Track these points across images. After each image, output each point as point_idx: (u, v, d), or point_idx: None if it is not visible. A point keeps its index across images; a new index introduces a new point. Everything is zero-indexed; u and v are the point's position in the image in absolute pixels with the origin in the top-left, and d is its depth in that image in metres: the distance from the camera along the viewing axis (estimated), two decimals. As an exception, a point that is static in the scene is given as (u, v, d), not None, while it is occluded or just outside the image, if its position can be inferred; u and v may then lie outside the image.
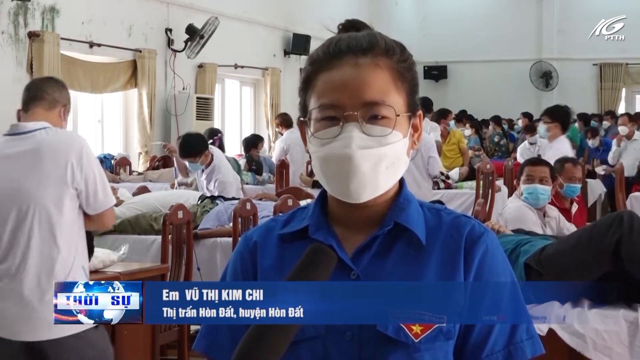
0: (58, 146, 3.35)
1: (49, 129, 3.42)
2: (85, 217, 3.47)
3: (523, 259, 3.78)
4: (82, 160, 3.38)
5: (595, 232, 3.64)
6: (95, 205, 3.44)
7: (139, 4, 11.70)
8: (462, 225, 1.53)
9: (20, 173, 3.34)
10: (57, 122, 3.55)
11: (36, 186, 3.33)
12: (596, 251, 3.59)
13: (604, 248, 3.58)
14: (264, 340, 1.34)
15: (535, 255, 3.75)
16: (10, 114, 9.62)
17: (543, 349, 1.54)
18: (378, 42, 1.52)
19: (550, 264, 3.67)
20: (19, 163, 3.35)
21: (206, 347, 1.57)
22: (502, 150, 15.26)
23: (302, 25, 15.54)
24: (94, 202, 3.43)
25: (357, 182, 1.47)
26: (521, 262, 3.77)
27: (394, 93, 1.51)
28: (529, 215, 4.86)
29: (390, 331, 1.45)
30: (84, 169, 3.39)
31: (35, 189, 3.33)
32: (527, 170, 5.05)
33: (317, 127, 1.50)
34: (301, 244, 1.52)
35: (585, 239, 3.65)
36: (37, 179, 3.33)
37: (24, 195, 3.34)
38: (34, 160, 3.34)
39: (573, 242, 3.71)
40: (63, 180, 3.34)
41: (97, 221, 3.52)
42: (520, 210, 4.91)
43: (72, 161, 3.34)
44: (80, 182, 3.38)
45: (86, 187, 3.40)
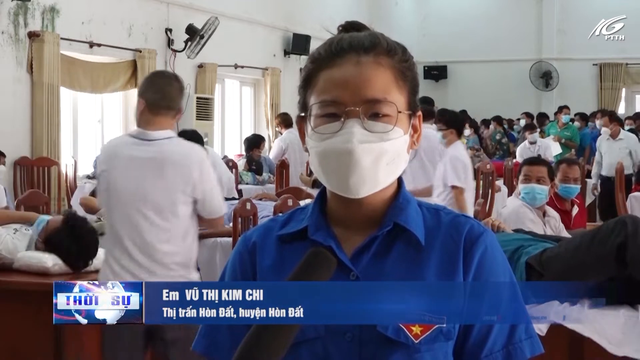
0: (182, 158, 3.69)
1: (173, 138, 3.77)
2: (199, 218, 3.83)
3: (525, 258, 3.78)
4: (202, 173, 3.73)
5: (598, 236, 3.64)
6: (210, 211, 3.79)
7: (139, 4, 11.70)
8: (461, 225, 1.53)
9: (145, 178, 3.66)
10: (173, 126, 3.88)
11: (158, 192, 3.67)
12: (598, 255, 3.59)
13: (606, 252, 3.58)
14: (264, 341, 1.33)
15: (537, 256, 3.76)
16: (10, 113, 9.63)
17: (542, 348, 1.54)
18: (380, 41, 1.52)
19: (552, 265, 3.67)
20: (144, 168, 3.67)
21: (205, 348, 1.57)
22: (504, 149, 15.27)
23: (302, 25, 15.54)
24: (210, 207, 3.78)
25: (357, 177, 1.47)
26: (523, 262, 3.77)
27: (395, 91, 1.51)
28: (527, 215, 4.87)
29: (390, 332, 1.45)
30: (203, 181, 3.73)
31: (155, 194, 3.66)
32: (525, 169, 5.06)
33: (318, 122, 1.50)
34: (300, 245, 1.52)
35: (587, 242, 3.65)
36: (160, 185, 3.66)
37: (144, 198, 3.66)
38: (159, 169, 3.66)
39: (575, 245, 3.71)
40: (184, 190, 3.68)
41: (211, 223, 3.91)
42: (518, 209, 4.92)
43: (194, 174, 3.69)
44: (199, 192, 3.72)
45: (203, 196, 3.74)
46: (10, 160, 9.66)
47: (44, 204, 6.33)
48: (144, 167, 3.67)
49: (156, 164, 3.66)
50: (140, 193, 3.67)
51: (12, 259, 4.45)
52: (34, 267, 4.38)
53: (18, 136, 9.77)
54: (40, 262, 4.37)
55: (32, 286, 4.27)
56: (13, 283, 4.35)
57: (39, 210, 6.02)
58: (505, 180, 10.57)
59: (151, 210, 3.67)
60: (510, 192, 9.92)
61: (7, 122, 9.61)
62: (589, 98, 18.50)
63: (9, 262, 4.46)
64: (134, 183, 3.67)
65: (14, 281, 4.36)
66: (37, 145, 9.90)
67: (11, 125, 9.66)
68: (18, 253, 4.47)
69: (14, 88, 9.70)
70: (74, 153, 10.88)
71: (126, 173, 3.69)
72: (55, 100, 10.01)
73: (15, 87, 9.72)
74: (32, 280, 4.31)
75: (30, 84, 9.83)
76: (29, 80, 9.82)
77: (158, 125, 3.74)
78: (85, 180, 10.18)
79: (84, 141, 11.43)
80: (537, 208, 4.96)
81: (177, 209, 3.70)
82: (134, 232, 3.70)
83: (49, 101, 9.88)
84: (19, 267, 4.43)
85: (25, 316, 4.29)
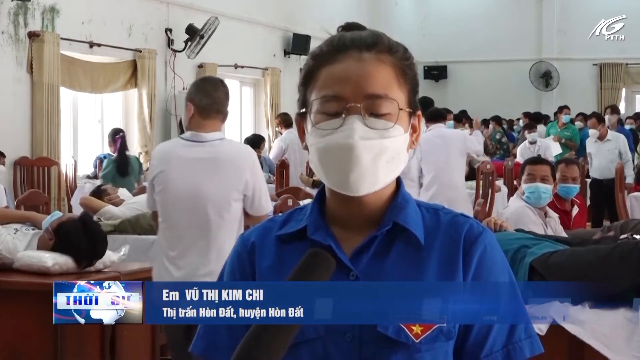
0: (234, 157, 3.92)
1: (224, 140, 3.99)
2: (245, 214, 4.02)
3: (530, 259, 3.75)
4: (254, 172, 3.98)
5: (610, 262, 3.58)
6: (258, 209, 4.01)
7: (139, 4, 11.70)
8: (460, 225, 1.53)
9: (199, 177, 3.88)
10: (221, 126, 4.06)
11: (213, 190, 3.88)
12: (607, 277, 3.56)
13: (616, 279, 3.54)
14: (264, 341, 1.33)
15: (543, 259, 3.71)
16: (10, 113, 9.63)
17: (542, 348, 1.54)
18: (381, 39, 1.53)
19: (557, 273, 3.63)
20: (198, 168, 3.89)
21: (204, 349, 1.56)
22: (504, 149, 15.27)
23: (302, 25, 15.54)
24: (258, 206, 4.00)
25: (357, 174, 1.47)
26: (527, 262, 3.74)
27: (396, 89, 1.51)
28: (529, 216, 4.85)
29: (391, 332, 1.45)
30: (253, 179, 3.96)
31: (211, 192, 3.88)
32: (529, 169, 5.04)
33: (318, 118, 1.50)
34: (300, 245, 1.52)
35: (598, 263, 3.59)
36: (214, 184, 3.88)
37: (201, 196, 3.88)
38: (213, 168, 3.89)
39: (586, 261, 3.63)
40: (235, 188, 3.91)
41: (255, 221, 3.96)
42: (520, 210, 4.90)
43: (246, 172, 3.92)
44: (250, 190, 3.95)
45: (253, 193, 3.97)
46: (10, 160, 9.66)
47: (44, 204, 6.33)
48: (200, 167, 3.89)
49: (211, 164, 3.89)
50: (197, 191, 3.88)
51: (12, 259, 4.45)
52: (34, 267, 4.38)
53: (18, 136, 9.77)
54: (40, 262, 4.37)
55: (32, 286, 4.26)
56: (13, 283, 4.35)
57: (39, 210, 6.02)
58: (505, 180, 10.57)
59: (208, 207, 3.89)
60: (511, 192, 9.92)
61: (7, 122, 9.61)
62: (589, 98, 18.50)
63: (9, 262, 4.45)
64: (191, 182, 3.89)
65: (14, 281, 4.35)
66: (37, 145, 9.90)
67: (11, 125, 9.66)
68: (18, 253, 4.47)
69: (14, 88, 9.70)
70: (74, 153, 10.88)
71: (182, 173, 3.90)
72: (55, 100, 10.01)
73: (15, 87, 9.72)
74: (32, 280, 4.31)
75: (30, 84, 9.83)
76: (29, 80, 9.82)
77: (209, 128, 3.95)
78: (85, 180, 10.18)
79: (84, 141, 11.44)
80: (538, 209, 4.95)
81: (231, 206, 3.92)
82: (192, 229, 3.91)
83: (49, 101, 9.88)
84: (19, 267, 4.43)
85: (25, 316, 4.29)
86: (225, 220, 3.92)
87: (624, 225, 4.45)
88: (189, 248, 3.93)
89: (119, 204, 6.60)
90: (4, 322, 4.34)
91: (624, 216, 8.27)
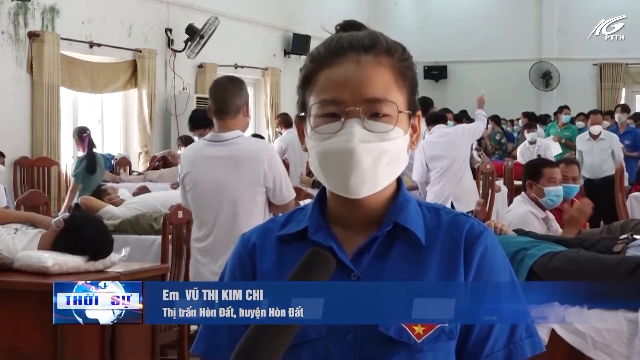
0: (253, 154, 4.16)
1: (242, 137, 4.23)
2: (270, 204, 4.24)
3: (530, 261, 3.73)
4: (272, 165, 4.19)
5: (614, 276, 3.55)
6: (280, 198, 4.22)
7: (139, 4, 11.70)
8: (461, 224, 1.53)
9: (221, 174, 4.13)
10: (243, 121, 4.30)
11: (235, 186, 4.13)
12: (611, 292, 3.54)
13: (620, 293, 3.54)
14: (263, 341, 1.33)
15: (544, 263, 3.68)
16: (10, 113, 9.63)
17: (543, 347, 1.54)
18: (380, 40, 1.52)
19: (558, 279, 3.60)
20: (223, 165, 4.15)
21: (205, 350, 1.56)
22: (502, 150, 15.27)
23: (302, 25, 15.54)
24: (280, 195, 4.22)
25: (357, 177, 1.47)
26: (527, 264, 3.73)
27: (395, 91, 1.50)
28: (532, 222, 4.82)
29: (393, 332, 1.45)
30: (272, 172, 4.18)
31: (235, 187, 4.13)
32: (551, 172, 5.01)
33: (318, 122, 1.49)
34: (300, 246, 1.51)
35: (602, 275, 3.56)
36: (236, 179, 4.13)
37: (225, 192, 4.13)
38: (233, 165, 4.14)
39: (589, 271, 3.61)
40: (257, 182, 4.15)
41: (281, 209, 4.21)
42: (524, 215, 4.86)
43: (265, 167, 4.15)
44: (270, 182, 4.17)
45: (274, 185, 4.19)
46: (10, 160, 9.66)
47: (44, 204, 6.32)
48: (222, 165, 4.15)
49: (233, 161, 4.15)
50: (221, 188, 4.14)
51: (12, 259, 4.45)
52: (34, 267, 4.38)
53: (18, 136, 9.77)
54: (40, 262, 4.37)
55: (32, 286, 4.26)
56: (13, 283, 4.35)
57: (39, 210, 6.01)
58: (505, 180, 10.55)
59: (233, 202, 4.13)
60: (511, 192, 9.92)
61: (7, 122, 9.61)
62: (589, 98, 18.51)
63: (9, 262, 4.45)
64: (215, 179, 4.15)
65: (14, 281, 4.35)
66: (37, 145, 9.90)
67: (11, 125, 9.66)
68: (18, 253, 4.47)
69: (14, 88, 9.70)
70: (74, 153, 10.88)
71: (208, 171, 4.17)
72: (55, 100, 10.01)
73: (15, 87, 9.72)
74: (32, 280, 4.31)
75: (30, 84, 9.83)
76: (29, 80, 9.82)
77: (224, 127, 4.21)
78: (85, 180, 10.18)
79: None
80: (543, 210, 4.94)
81: (255, 199, 4.16)
82: (220, 224, 4.15)
83: (49, 101, 9.88)
84: (19, 267, 4.43)
85: (25, 316, 4.29)
86: (252, 214, 4.13)
87: (624, 225, 4.44)
88: (220, 243, 4.14)
89: (119, 204, 6.60)
90: (4, 322, 4.34)
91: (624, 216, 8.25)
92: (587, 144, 10.71)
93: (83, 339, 4.33)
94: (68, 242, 4.46)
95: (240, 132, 4.26)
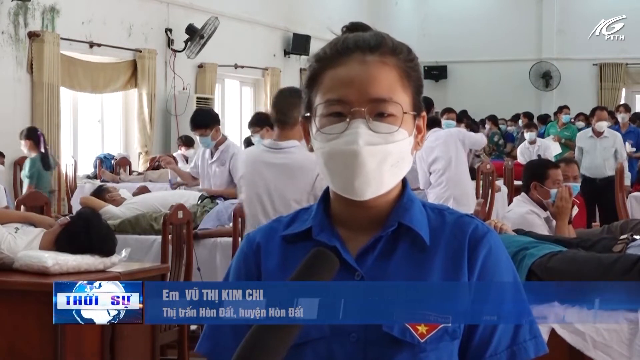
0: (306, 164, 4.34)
1: (297, 147, 4.42)
2: None
3: (530, 261, 3.72)
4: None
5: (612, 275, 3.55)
6: None
7: (139, 4, 11.70)
8: (466, 225, 1.53)
9: (276, 180, 4.40)
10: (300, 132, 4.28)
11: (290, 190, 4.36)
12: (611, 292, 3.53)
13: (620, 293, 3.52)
14: (265, 341, 1.32)
15: (543, 263, 3.68)
16: (10, 113, 9.62)
17: (547, 348, 1.54)
18: (385, 41, 1.52)
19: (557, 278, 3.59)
20: (278, 171, 4.41)
21: (209, 350, 1.56)
22: (500, 150, 15.29)
23: (302, 25, 15.54)
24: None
25: (362, 179, 1.47)
26: (527, 264, 3.72)
27: (400, 91, 1.50)
28: (535, 222, 4.81)
29: (396, 332, 1.45)
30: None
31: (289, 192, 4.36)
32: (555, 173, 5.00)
33: (323, 122, 1.50)
34: (305, 245, 1.51)
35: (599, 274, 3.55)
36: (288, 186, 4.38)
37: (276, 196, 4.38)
38: (289, 172, 4.38)
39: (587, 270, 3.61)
40: (307, 189, 4.36)
41: None
42: (526, 217, 4.85)
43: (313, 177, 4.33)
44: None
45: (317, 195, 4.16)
46: (10, 160, 9.66)
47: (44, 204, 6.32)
48: (278, 171, 4.41)
49: (287, 168, 4.39)
50: (271, 191, 4.39)
51: (13, 258, 4.45)
52: (34, 267, 4.37)
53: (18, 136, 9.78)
54: (40, 261, 4.37)
55: (32, 286, 4.26)
56: (13, 283, 4.35)
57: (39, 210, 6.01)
58: (505, 180, 10.54)
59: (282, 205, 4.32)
60: (511, 192, 9.91)
61: (7, 122, 9.61)
62: (589, 98, 18.50)
63: (9, 262, 4.45)
64: (269, 184, 4.40)
65: (14, 281, 4.35)
66: (37, 145, 9.89)
67: (11, 125, 9.66)
68: (19, 252, 4.47)
69: (14, 88, 9.70)
70: (74, 153, 10.88)
71: (264, 175, 4.42)
72: (55, 100, 10.01)
73: (15, 87, 9.72)
74: (32, 280, 4.30)
75: (30, 84, 9.84)
76: (29, 80, 9.83)
77: (284, 137, 4.44)
78: (85, 180, 10.19)
79: (84, 141, 11.44)
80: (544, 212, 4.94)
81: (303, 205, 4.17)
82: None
83: (49, 101, 9.88)
84: (19, 267, 4.43)
85: (25, 316, 4.28)
86: None
87: (623, 225, 4.44)
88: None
89: (120, 202, 6.60)
90: (4, 322, 4.34)
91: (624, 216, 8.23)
92: (589, 141, 10.29)
93: (83, 339, 4.32)
94: (72, 240, 4.46)
95: (297, 142, 4.49)
